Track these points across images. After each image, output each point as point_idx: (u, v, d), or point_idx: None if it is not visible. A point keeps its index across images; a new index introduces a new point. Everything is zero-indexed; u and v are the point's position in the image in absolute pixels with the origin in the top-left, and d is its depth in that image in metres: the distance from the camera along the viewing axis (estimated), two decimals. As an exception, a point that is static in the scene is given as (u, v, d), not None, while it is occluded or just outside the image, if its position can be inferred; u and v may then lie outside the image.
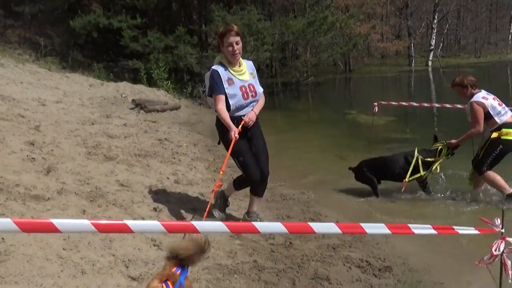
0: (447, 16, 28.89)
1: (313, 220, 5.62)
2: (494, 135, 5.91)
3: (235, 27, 4.78)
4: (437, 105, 12.27)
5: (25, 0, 17.32)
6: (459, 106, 10.17)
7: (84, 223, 2.14)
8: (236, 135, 4.69)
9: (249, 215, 5.23)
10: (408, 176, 6.44)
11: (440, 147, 6.55)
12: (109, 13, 16.37)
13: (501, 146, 5.89)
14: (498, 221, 2.59)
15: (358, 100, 17.42)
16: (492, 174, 6.04)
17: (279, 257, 4.57)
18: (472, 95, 6.00)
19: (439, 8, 26.24)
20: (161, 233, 4.56)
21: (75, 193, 5.29)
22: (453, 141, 6.43)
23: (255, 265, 4.35)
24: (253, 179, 5.05)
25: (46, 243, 4.19)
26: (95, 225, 2.09)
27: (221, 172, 4.71)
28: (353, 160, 8.79)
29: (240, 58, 4.89)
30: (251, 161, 5.02)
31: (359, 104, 14.73)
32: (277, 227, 2.64)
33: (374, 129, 10.90)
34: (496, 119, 5.88)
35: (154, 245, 4.41)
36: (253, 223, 2.51)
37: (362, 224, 2.68)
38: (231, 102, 4.84)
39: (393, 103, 10.11)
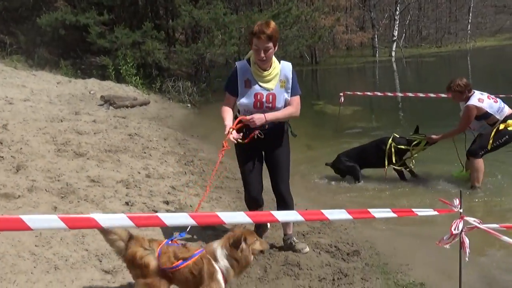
0: (408, 7, 29.33)
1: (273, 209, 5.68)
2: (501, 126, 6.03)
3: (270, 29, 3.83)
4: (400, 94, 12.46)
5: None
6: (421, 94, 10.38)
7: (53, 218, 2.11)
8: (232, 133, 3.99)
9: (285, 238, 4.57)
10: (386, 163, 6.55)
11: (418, 140, 6.56)
12: (75, 10, 16.10)
13: (507, 136, 6.04)
14: (456, 202, 2.68)
15: (325, 91, 17.56)
16: (481, 162, 6.18)
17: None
18: (468, 98, 6.05)
19: (400, 0, 26.62)
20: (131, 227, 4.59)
21: (45, 190, 5.23)
22: (434, 136, 6.46)
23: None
24: (247, 195, 4.45)
25: (18, 240, 4.15)
26: (63, 219, 2.08)
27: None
28: (319, 149, 8.91)
29: (275, 61, 4.10)
30: (250, 176, 4.38)
31: (326, 95, 14.88)
32: (241, 216, 2.68)
33: (341, 119, 11.02)
34: (496, 116, 6.01)
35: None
36: (218, 213, 2.48)
37: (324, 211, 2.73)
38: (240, 104, 4.20)
39: (358, 93, 10.25)
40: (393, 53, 26.34)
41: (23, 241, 4.10)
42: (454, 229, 2.61)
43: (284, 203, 4.43)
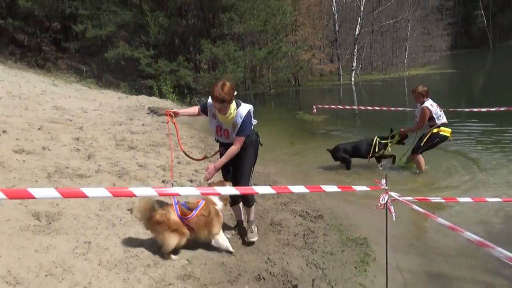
0: (363, 46, 29.24)
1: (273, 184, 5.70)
2: (435, 130, 5.97)
3: (222, 94, 3.42)
4: (355, 107, 12.46)
5: (70, 38, 16.89)
6: (369, 108, 10.34)
7: (101, 190, 2.14)
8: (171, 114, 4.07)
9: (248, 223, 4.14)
10: (371, 153, 6.45)
11: (393, 134, 6.48)
12: (131, 47, 16.09)
13: (437, 139, 5.98)
14: (383, 181, 2.71)
15: (304, 104, 17.50)
16: (421, 157, 6.15)
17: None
18: (424, 102, 5.96)
19: (357, 41, 26.52)
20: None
21: (107, 172, 5.26)
22: (402, 129, 6.43)
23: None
24: None
25: (88, 206, 4.19)
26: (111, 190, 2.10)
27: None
28: (300, 145, 8.90)
29: (232, 109, 3.62)
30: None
31: (305, 108, 14.83)
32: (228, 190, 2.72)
33: (314, 124, 11.04)
34: (436, 121, 5.93)
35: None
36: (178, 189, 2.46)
37: (276, 187, 2.77)
38: (209, 126, 4.07)
39: (326, 106, 10.23)
40: (352, 79, 26.23)
41: (90, 207, 4.16)
42: (381, 200, 2.64)
43: (244, 196, 3.97)
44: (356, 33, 26.43)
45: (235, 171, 4.00)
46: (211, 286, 3.06)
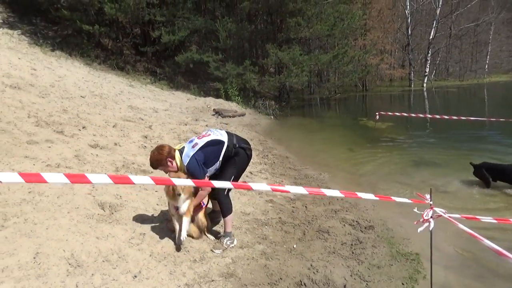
0: (438, 51, 27.50)
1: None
2: None
3: (150, 162, 3.66)
4: (421, 115, 11.72)
5: (148, 43, 18.06)
6: (437, 116, 9.71)
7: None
8: None
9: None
10: None
11: None
12: (201, 50, 16.80)
13: None
14: (428, 196, 2.56)
15: (369, 110, 16.93)
16: None
17: (296, 216, 4.63)
18: None
19: (432, 45, 25.02)
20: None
21: (168, 169, 5.58)
22: None
23: (279, 220, 4.43)
24: None
25: (147, 200, 4.48)
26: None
27: None
28: (359, 153, 8.58)
29: (178, 159, 3.59)
30: None
31: (370, 114, 14.36)
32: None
33: (377, 131, 10.64)
34: None
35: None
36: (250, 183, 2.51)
37: (323, 190, 2.71)
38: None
39: (389, 113, 9.81)
40: (425, 84, 24.80)
41: (150, 201, 4.44)
42: (425, 216, 2.51)
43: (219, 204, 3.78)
44: (431, 37, 24.95)
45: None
46: (251, 287, 3.12)
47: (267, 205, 4.82)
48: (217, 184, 3.01)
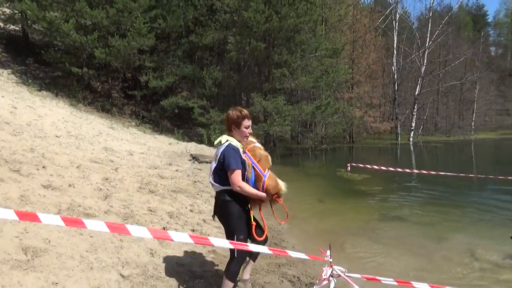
0: (424, 106, 28.13)
1: (275, 244, 5.35)
2: None
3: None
4: (399, 169, 11.63)
5: (136, 87, 18.41)
6: (424, 172, 9.61)
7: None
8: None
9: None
10: None
11: None
12: (187, 97, 17.08)
13: None
14: (328, 252, 2.39)
15: (349, 162, 16.94)
16: None
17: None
18: None
19: (418, 101, 25.63)
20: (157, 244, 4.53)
21: (115, 213, 5.34)
22: None
23: (215, 273, 4.16)
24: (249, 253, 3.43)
25: (77, 245, 4.22)
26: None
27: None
28: (328, 204, 8.38)
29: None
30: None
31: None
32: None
33: (351, 183, 10.51)
34: None
35: (150, 253, 4.33)
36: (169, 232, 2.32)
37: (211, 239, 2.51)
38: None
39: (361, 165, 9.70)
40: (411, 139, 25.07)
41: (79, 246, 4.18)
42: (324, 274, 2.32)
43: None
44: (416, 93, 25.62)
45: None
46: None
47: (208, 256, 4.57)
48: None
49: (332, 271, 2.35)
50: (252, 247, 2.37)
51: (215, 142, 3.30)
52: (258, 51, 16.02)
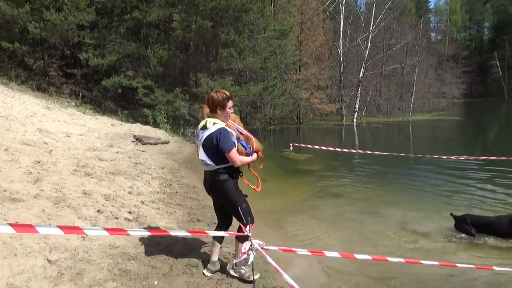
0: (367, 89, 29.31)
1: (214, 224, 5.41)
2: None
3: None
4: (338, 149, 12.13)
5: (76, 65, 17.40)
6: (360, 151, 10.10)
7: None
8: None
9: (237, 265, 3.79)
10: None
11: None
12: (131, 77, 16.44)
13: None
14: (247, 228, 2.48)
15: (295, 142, 17.36)
16: None
17: (172, 249, 4.37)
18: None
19: (361, 83, 26.63)
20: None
21: (46, 197, 5.10)
22: None
23: (150, 254, 4.14)
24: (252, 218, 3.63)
25: None
26: None
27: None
28: (270, 183, 8.55)
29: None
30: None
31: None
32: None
33: (294, 162, 10.81)
34: None
35: (82, 237, 4.20)
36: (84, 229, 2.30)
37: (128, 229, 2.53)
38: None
39: (303, 145, 9.98)
40: (355, 120, 26.10)
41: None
42: (244, 248, 2.41)
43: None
44: (360, 75, 26.59)
45: None
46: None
47: (145, 238, 4.53)
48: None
49: (251, 245, 2.44)
50: (172, 232, 2.38)
51: (199, 126, 3.53)
52: (204, 30, 15.69)
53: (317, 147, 8.84)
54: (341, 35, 26.50)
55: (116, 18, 17.97)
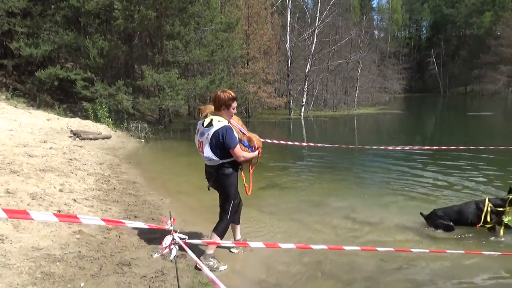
0: (314, 83, 30.00)
1: (152, 220, 5.22)
2: None
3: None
4: (275, 141, 12.25)
5: (6, 55, 16.09)
6: (304, 144, 10.22)
7: None
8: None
9: (206, 258, 3.90)
10: (482, 222, 4.86)
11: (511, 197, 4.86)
12: (68, 68, 15.47)
13: None
14: (169, 221, 2.37)
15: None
16: None
17: (103, 248, 4.11)
18: None
19: (308, 78, 27.18)
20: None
21: (-40, 198, 4.64)
22: None
23: (78, 255, 3.87)
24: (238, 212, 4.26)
25: None
26: None
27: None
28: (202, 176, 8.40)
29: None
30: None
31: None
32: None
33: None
34: None
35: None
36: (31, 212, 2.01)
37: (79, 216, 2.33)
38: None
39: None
40: (302, 114, 26.61)
41: None
42: (164, 243, 2.30)
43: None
44: (307, 70, 27.14)
45: None
46: None
47: (72, 237, 4.23)
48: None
49: (172, 239, 2.33)
50: (84, 220, 2.19)
51: (205, 123, 3.71)
52: (148, 20, 15.12)
53: (262, 140, 8.79)
54: (288, 30, 26.82)
55: (52, 6, 16.78)
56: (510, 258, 4.20)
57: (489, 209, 4.86)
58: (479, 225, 4.90)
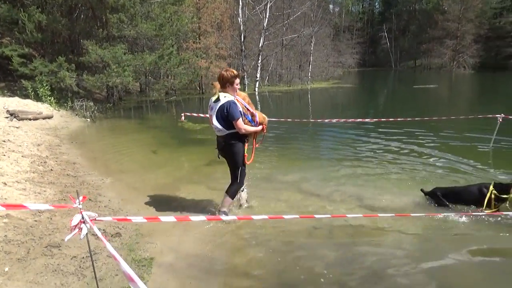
0: (268, 58, 29.92)
1: (90, 200, 5.09)
2: None
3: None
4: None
5: None
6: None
7: None
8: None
9: (219, 212, 4.61)
10: (484, 207, 4.69)
11: None
12: (8, 43, 14.37)
13: None
14: (77, 200, 2.35)
15: (199, 112, 17.14)
16: None
17: (33, 231, 3.99)
18: None
19: (262, 53, 27.06)
20: None
21: None
22: None
23: (4, 239, 3.74)
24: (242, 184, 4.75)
25: None
26: None
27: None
28: (162, 155, 8.27)
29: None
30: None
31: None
32: None
33: (188, 132, 10.69)
34: None
35: None
36: None
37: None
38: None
39: (194, 114, 9.89)
40: (256, 89, 26.59)
41: None
42: (73, 222, 2.28)
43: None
44: (260, 45, 26.96)
45: None
46: None
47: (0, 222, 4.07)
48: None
49: (81, 218, 2.30)
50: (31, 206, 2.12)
51: (213, 99, 4.26)
52: (89, -8, 14.28)
53: (202, 115, 8.77)
54: (241, 3, 26.30)
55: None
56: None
57: (492, 196, 4.66)
58: (482, 209, 4.72)
